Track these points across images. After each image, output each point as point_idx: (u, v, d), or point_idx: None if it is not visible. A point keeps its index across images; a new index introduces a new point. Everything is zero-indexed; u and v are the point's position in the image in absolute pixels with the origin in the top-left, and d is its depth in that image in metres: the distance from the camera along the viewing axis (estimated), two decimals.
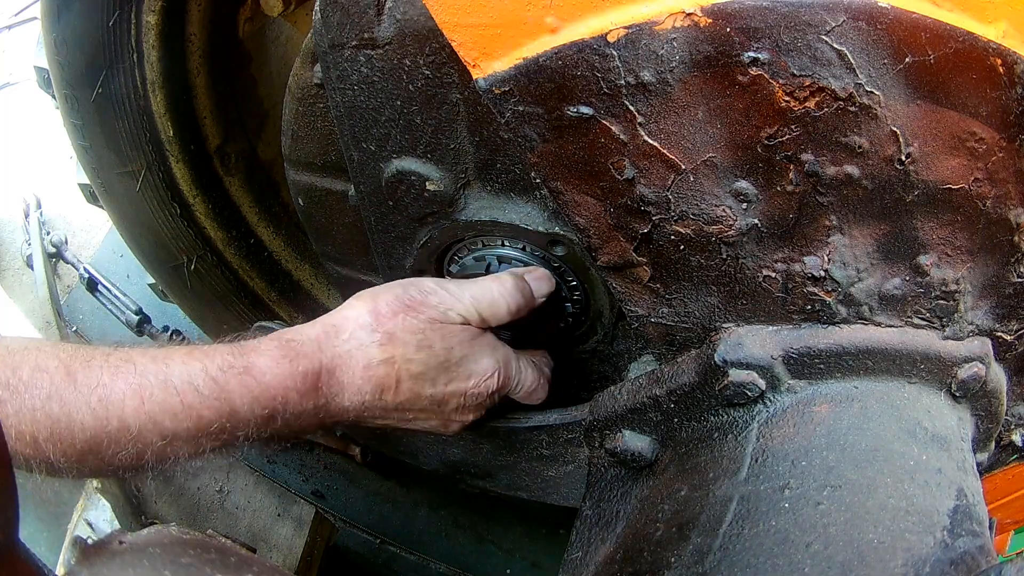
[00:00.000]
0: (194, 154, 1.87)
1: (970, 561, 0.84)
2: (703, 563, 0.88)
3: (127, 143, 1.74)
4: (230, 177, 1.99)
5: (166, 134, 1.77)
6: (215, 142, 1.92)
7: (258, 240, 2.10)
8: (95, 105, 1.66)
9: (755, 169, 0.89)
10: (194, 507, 2.15)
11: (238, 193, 2.02)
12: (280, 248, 2.14)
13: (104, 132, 1.71)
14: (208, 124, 1.88)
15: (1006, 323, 1.02)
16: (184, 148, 1.83)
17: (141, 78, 1.66)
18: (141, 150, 1.77)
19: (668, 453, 1.11)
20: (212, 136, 1.90)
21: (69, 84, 1.65)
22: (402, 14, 0.96)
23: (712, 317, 1.04)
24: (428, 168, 1.12)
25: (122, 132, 1.72)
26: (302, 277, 2.18)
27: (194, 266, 1.99)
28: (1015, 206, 0.91)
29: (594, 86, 0.88)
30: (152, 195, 1.85)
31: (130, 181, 1.82)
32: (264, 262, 2.12)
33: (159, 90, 1.70)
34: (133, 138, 1.74)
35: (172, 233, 1.92)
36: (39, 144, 3.34)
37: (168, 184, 1.85)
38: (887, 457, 0.93)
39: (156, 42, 1.63)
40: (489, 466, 1.41)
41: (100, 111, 1.67)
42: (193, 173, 1.88)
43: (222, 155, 1.96)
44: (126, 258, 2.93)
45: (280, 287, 2.16)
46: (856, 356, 0.98)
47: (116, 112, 1.68)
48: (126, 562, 0.77)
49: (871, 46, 0.80)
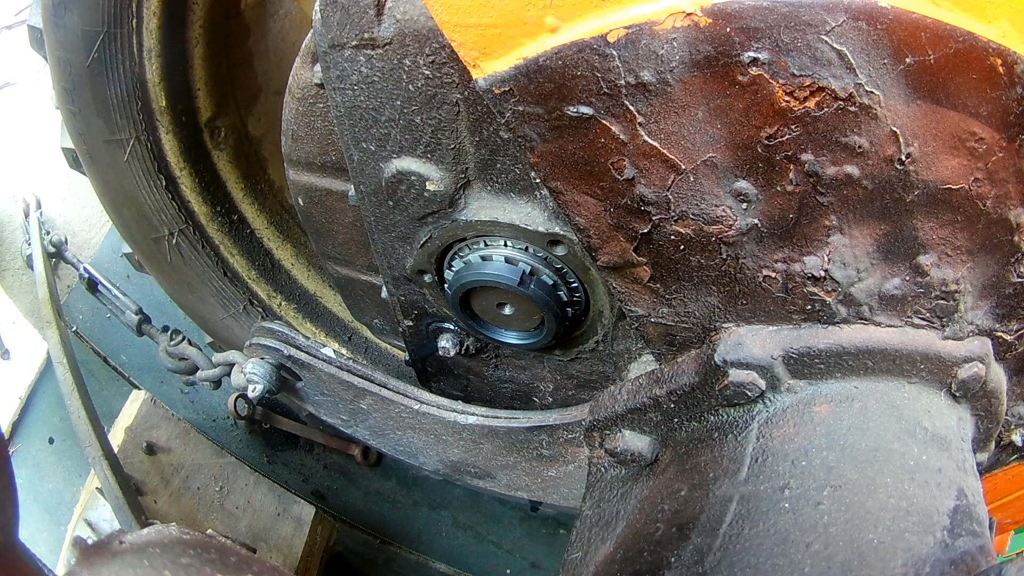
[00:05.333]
0: (185, 126, 1.84)
1: (970, 561, 0.84)
2: (703, 563, 0.88)
3: (118, 111, 1.71)
4: (219, 151, 1.97)
5: (158, 104, 1.75)
6: (206, 115, 1.89)
7: (242, 216, 2.08)
8: (89, 70, 1.62)
9: (755, 169, 0.89)
10: (194, 507, 2.15)
11: (225, 168, 1.99)
12: (263, 226, 2.13)
13: (95, 98, 1.68)
14: (201, 96, 1.85)
15: (1006, 323, 1.02)
16: (175, 119, 1.81)
17: (139, 45, 1.63)
18: (131, 119, 1.74)
19: (668, 453, 1.11)
20: (204, 109, 1.88)
21: (63, 47, 1.60)
22: (402, 14, 0.96)
23: (712, 317, 1.04)
24: (428, 168, 1.12)
25: (113, 99, 1.69)
26: (283, 256, 2.17)
27: (176, 240, 1.98)
28: (1015, 206, 0.91)
29: (594, 86, 0.88)
30: (138, 165, 1.81)
31: (117, 150, 1.78)
32: (246, 239, 2.10)
33: (156, 58, 1.67)
34: (124, 106, 1.71)
35: (156, 205, 1.89)
36: (39, 144, 3.34)
37: (156, 155, 1.82)
38: (887, 457, 0.93)
39: (158, 8, 1.60)
40: (489, 466, 1.41)
41: (93, 76, 1.64)
42: (182, 145, 1.86)
43: (212, 128, 1.93)
44: (126, 258, 2.94)
45: (261, 265, 2.15)
46: (856, 356, 0.98)
47: (109, 78, 1.65)
48: (126, 562, 0.77)
49: (871, 46, 0.80)
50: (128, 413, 2.20)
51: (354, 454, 2.70)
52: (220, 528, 2.13)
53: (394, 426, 1.49)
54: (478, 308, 1.32)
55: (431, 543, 2.57)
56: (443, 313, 1.42)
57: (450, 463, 1.46)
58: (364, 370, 1.48)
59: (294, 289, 2.19)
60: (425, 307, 1.43)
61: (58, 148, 1.99)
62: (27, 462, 2.67)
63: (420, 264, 1.29)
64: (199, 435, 2.31)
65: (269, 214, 2.13)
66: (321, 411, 1.57)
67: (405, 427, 1.47)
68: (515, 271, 1.19)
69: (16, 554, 1.01)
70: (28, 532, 2.48)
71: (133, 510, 1.81)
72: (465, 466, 1.44)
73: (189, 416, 2.74)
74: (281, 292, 2.16)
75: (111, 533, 0.82)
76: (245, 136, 2.03)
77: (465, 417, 1.39)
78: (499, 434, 1.34)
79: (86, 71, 1.62)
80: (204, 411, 2.82)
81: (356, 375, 1.48)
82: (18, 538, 1.00)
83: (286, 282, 2.18)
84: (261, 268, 2.14)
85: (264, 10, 1.92)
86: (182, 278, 2.04)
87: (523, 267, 1.19)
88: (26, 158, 3.34)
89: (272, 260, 2.16)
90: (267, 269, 2.16)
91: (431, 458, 1.48)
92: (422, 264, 1.29)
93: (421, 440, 1.46)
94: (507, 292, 1.22)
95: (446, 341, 1.48)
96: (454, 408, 1.42)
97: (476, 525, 2.57)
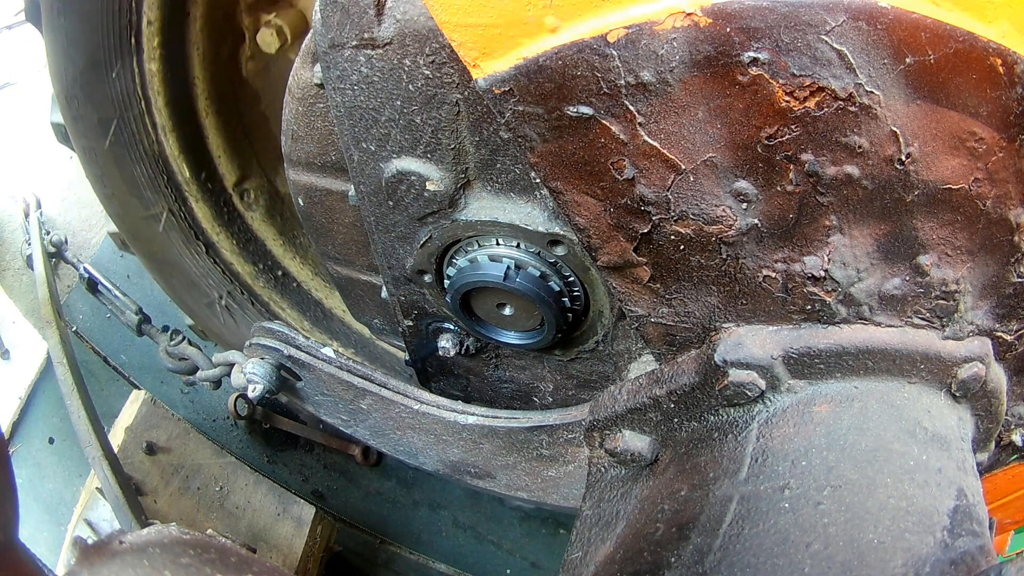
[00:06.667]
0: (213, 192, 1.97)
1: (970, 561, 0.84)
2: (703, 563, 0.88)
3: (147, 187, 1.85)
4: (251, 212, 2.08)
5: (183, 175, 1.87)
6: (232, 179, 2.01)
7: (285, 271, 2.17)
8: (111, 154, 1.75)
9: (755, 169, 0.89)
10: (194, 507, 2.15)
11: (261, 227, 2.09)
12: (308, 278, 2.21)
13: (124, 179, 1.81)
14: (223, 163, 1.97)
15: (1006, 323, 1.02)
16: (202, 187, 1.93)
17: (152, 123, 1.76)
18: (161, 193, 1.87)
19: (668, 453, 1.11)
20: (229, 174, 2.00)
21: (84, 136, 1.73)
22: (402, 14, 0.96)
23: (712, 317, 1.04)
24: (428, 168, 1.12)
25: (141, 177, 1.82)
26: (333, 305, 2.24)
27: (225, 302, 2.06)
28: (1015, 206, 0.91)
29: (594, 86, 0.88)
30: (177, 236, 1.94)
31: (154, 224, 1.92)
32: (294, 292, 2.19)
33: (170, 133, 1.79)
34: (152, 182, 1.84)
35: (201, 271, 2.01)
36: (39, 144, 3.34)
37: (191, 223, 1.95)
38: (887, 457, 0.93)
39: (161, 88, 1.72)
40: (489, 466, 1.41)
41: (117, 159, 1.77)
42: (213, 211, 1.98)
43: (241, 191, 2.05)
44: (126, 258, 2.94)
45: (313, 316, 2.23)
46: (856, 356, 0.98)
47: (132, 158, 1.78)
48: (126, 562, 0.77)
49: (871, 46, 0.80)
50: (128, 413, 2.20)
51: (354, 454, 2.70)
52: (220, 528, 2.13)
53: (394, 426, 1.49)
54: (478, 308, 1.32)
55: (431, 543, 2.58)
56: (443, 313, 1.42)
57: (450, 463, 1.46)
58: (364, 370, 1.48)
59: (349, 335, 2.26)
60: (425, 307, 1.43)
61: (58, 148, 2.01)
62: (27, 462, 2.67)
63: (420, 264, 1.29)
64: (199, 435, 2.31)
65: (312, 265, 2.22)
66: (321, 411, 1.57)
67: (405, 427, 1.47)
68: (499, 267, 1.19)
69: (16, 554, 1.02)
70: (28, 532, 2.48)
71: (133, 510, 1.82)
72: (465, 466, 1.44)
73: (189, 416, 2.74)
74: (337, 339, 2.23)
75: (111, 533, 0.82)
76: (275, 194, 2.14)
77: (465, 417, 1.39)
78: (499, 434, 1.34)
79: (109, 155, 1.76)
80: (204, 411, 2.82)
81: (356, 375, 1.48)
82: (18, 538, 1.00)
83: (340, 328, 2.26)
84: (313, 318, 2.24)
85: (269, 74, 2.00)
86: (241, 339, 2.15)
87: (507, 262, 1.19)
88: (26, 158, 3.34)
89: (323, 310, 2.25)
90: (319, 318, 2.25)
91: (431, 458, 1.48)
92: (422, 264, 1.29)
93: (421, 440, 1.46)
94: (506, 292, 1.22)
95: (446, 341, 1.48)
96: (454, 408, 1.42)
97: (476, 525, 2.58)
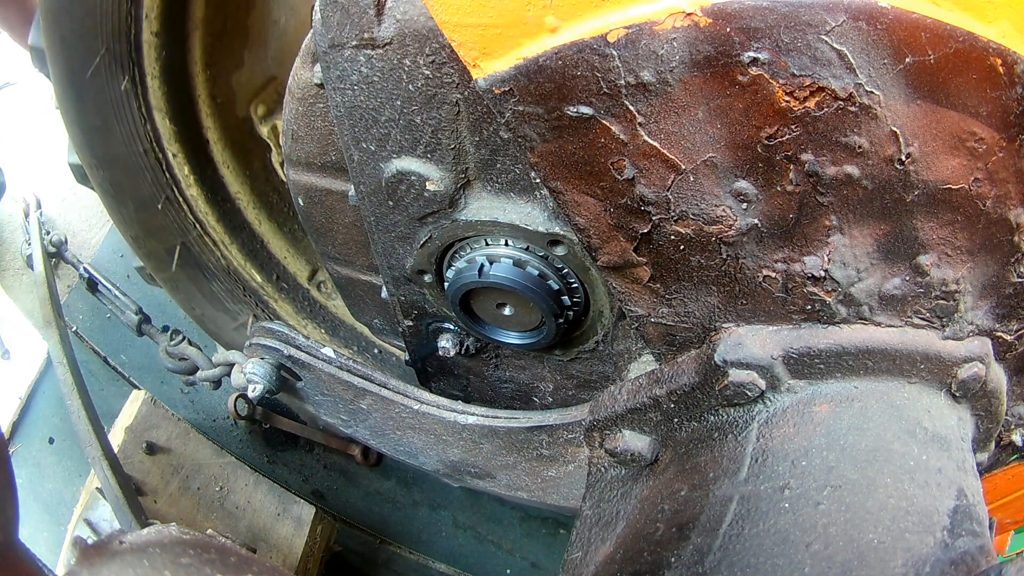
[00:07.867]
0: (289, 291, 2.07)
1: (970, 561, 0.84)
2: (703, 563, 0.88)
3: (228, 299, 1.95)
4: (332, 301, 2.15)
5: (256, 281, 1.98)
6: (304, 275, 2.11)
7: (381, 348, 2.23)
8: (185, 275, 1.87)
9: (755, 169, 0.89)
10: (194, 507, 2.15)
11: (345, 313, 2.13)
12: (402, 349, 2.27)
13: (206, 297, 1.92)
14: (291, 262, 2.07)
15: (1006, 323, 1.02)
16: (277, 288, 2.04)
17: (213, 241, 1.87)
18: (242, 302, 1.97)
19: (668, 453, 1.11)
20: (299, 271, 2.10)
21: (159, 270, 1.86)
22: (402, 14, 0.96)
23: (712, 317, 1.04)
24: (428, 168, 1.12)
25: (220, 292, 1.93)
26: None
27: None
28: (1015, 206, 0.91)
29: (594, 86, 0.88)
30: None
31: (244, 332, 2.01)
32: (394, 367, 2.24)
33: (230, 246, 1.91)
34: (231, 294, 1.95)
35: None
36: (39, 144, 3.34)
37: None
38: (887, 457, 0.93)
39: (207, 209, 1.84)
40: (489, 466, 1.41)
41: (193, 280, 1.89)
42: (295, 307, 2.07)
43: (317, 284, 2.14)
44: (126, 258, 2.94)
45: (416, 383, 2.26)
46: (856, 356, 0.98)
47: (206, 276, 1.90)
48: (126, 562, 0.77)
49: (871, 46, 0.80)
50: (128, 413, 2.20)
51: (354, 454, 2.70)
52: (220, 528, 2.13)
53: (394, 426, 1.49)
54: (478, 308, 1.32)
55: (431, 543, 2.58)
56: (443, 313, 1.42)
57: (450, 463, 1.46)
58: (364, 370, 1.48)
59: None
60: (425, 307, 1.43)
61: (58, 148, 2.01)
62: (27, 462, 2.67)
63: (420, 264, 1.29)
64: (199, 435, 2.31)
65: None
66: (321, 411, 1.57)
67: (405, 427, 1.47)
68: (474, 265, 1.20)
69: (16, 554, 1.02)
70: (28, 532, 2.48)
71: (133, 510, 1.81)
72: (465, 466, 1.44)
73: (189, 416, 2.74)
74: None
75: (111, 533, 0.82)
76: None
77: (465, 417, 1.39)
78: (499, 434, 1.34)
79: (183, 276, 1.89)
80: (204, 411, 2.82)
81: (356, 375, 1.48)
82: (18, 538, 1.01)
83: None
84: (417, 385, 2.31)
85: None
86: None
87: (480, 260, 1.20)
88: (26, 158, 3.34)
89: None
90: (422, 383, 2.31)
91: (431, 458, 1.48)
92: (422, 264, 1.29)
93: (421, 440, 1.46)
94: (506, 292, 1.22)
95: (446, 341, 1.48)
96: (454, 408, 1.42)
97: (476, 525, 2.57)
